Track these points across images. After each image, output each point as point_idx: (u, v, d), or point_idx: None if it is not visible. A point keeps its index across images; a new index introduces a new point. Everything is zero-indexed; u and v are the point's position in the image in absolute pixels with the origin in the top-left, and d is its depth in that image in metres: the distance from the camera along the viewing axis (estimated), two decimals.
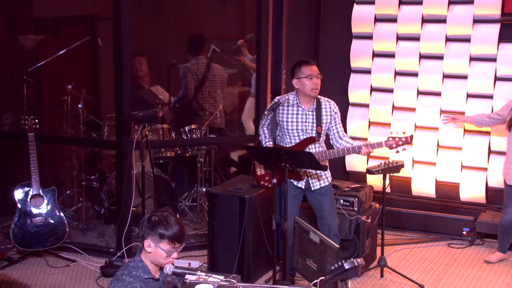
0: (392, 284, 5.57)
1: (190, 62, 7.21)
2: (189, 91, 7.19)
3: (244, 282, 5.29)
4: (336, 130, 5.34)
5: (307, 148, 5.24)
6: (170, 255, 3.47)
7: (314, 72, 5.18)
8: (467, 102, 6.74)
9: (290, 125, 5.26)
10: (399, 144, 5.16)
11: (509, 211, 5.93)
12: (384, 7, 7.03)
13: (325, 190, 5.33)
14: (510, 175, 5.82)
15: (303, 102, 5.25)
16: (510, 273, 5.81)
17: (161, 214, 3.52)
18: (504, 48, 6.60)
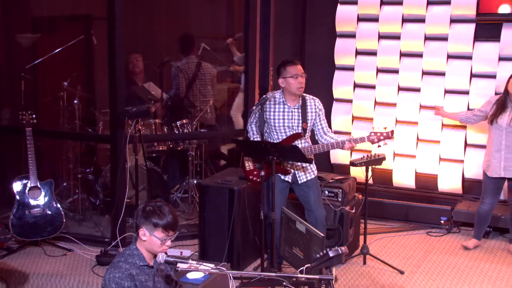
0: (374, 271, 5.59)
1: (181, 61, 7.18)
2: (181, 90, 7.17)
3: (233, 269, 5.30)
4: (321, 126, 5.34)
5: (293, 144, 5.24)
6: (164, 243, 3.48)
7: (299, 71, 5.18)
8: (444, 97, 6.77)
9: (277, 122, 5.26)
10: (380, 138, 5.17)
11: (487, 201, 5.96)
12: (367, 7, 7.03)
13: (311, 183, 5.34)
14: (492, 168, 5.85)
15: (289, 100, 5.25)
16: (485, 259, 5.85)
17: (155, 204, 3.52)
18: (479, 46, 6.63)
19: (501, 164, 5.78)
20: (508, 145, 5.74)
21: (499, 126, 5.77)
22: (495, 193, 5.94)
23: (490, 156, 5.87)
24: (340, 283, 5.31)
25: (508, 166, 5.76)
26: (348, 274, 5.49)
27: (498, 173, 5.81)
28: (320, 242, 4.19)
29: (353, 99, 7.18)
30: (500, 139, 5.78)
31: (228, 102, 7.91)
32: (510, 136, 5.73)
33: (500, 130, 5.77)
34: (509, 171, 5.77)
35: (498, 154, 5.79)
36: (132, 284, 3.41)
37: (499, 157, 5.78)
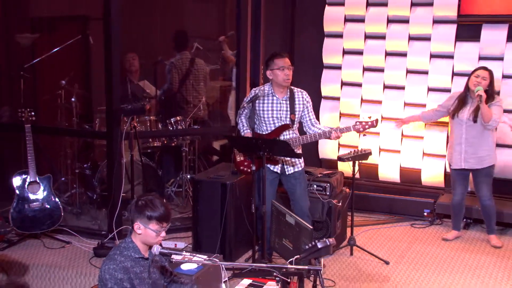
0: (360, 261, 5.61)
1: (175, 57, 7.17)
2: (174, 85, 7.16)
3: (225, 261, 5.30)
4: (309, 117, 5.35)
5: (282, 135, 5.25)
6: (159, 234, 3.49)
7: (286, 64, 5.18)
8: (428, 95, 6.80)
9: (266, 113, 5.26)
10: (365, 127, 5.18)
11: (457, 192, 6.01)
12: (353, 8, 7.04)
13: (298, 175, 5.35)
14: (454, 160, 5.90)
15: (277, 92, 5.26)
16: (465, 249, 5.89)
17: (147, 198, 3.53)
18: (460, 46, 6.66)
19: (462, 156, 5.83)
20: (468, 138, 5.78)
21: (460, 120, 5.81)
22: (462, 183, 5.99)
23: (452, 148, 5.93)
24: (328, 273, 5.33)
25: (468, 158, 5.81)
26: (336, 265, 5.51)
27: (459, 164, 5.87)
28: (309, 234, 4.19)
29: (340, 97, 7.19)
30: (461, 133, 5.82)
31: (220, 99, 7.89)
32: (470, 130, 5.77)
33: (461, 124, 5.81)
34: (468, 163, 5.82)
35: (459, 147, 5.83)
36: (125, 276, 3.42)
37: (460, 149, 5.83)
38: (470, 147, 5.79)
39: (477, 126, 5.73)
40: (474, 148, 5.79)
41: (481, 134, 5.76)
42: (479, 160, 5.79)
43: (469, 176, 5.98)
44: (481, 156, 5.78)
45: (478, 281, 5.23)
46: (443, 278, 5.29)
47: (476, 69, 5.81)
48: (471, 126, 5.76)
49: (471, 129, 5.77)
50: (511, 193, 6.57)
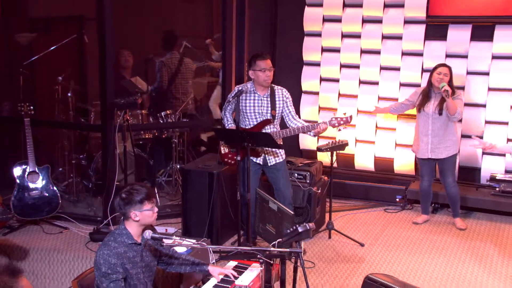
0: (338, 244, 5.64)
1: (165, 56, 7.14)
2: (164, 82, 7.13)
3: (213, 244, 5.32)
4: (289, 111, 5.34)
5: (264, 129, 5.25)
6: (153, 210, 3.53)
7: (267, 65, 5.17)
8: (399, 90, 6.82)
9: (249, 109, 5.26)
10: (340, 123, 5.20)
11: (425, 179, 6.06)
12: (331, 9, 7.04)
13: (280, 166, 5.35)
14: (421, 150, 5.94)
15: (258, 90, 5.26)
16: (433, 231, 5.94)
17: (126, 189, 3.54)
18: (429, 44, 6.69)
19: (428, 147, 5.87)
20: (434, 130, 5.82)
21: (426, 113, 5.85)
22: (429, 171, 6.03)
23: (418, 140, 5.96)
24: (308, 255, 5.36)
25: (434, 148, 5.85)
26: (315, 247, 5.54)
27: (426, 154, 5.91)
28: (290, 219, 4.20)
29: (319, 92, 7.19)
30: (427, 125, 5.86)
31: (207, 94, 7.88)
32: (435, 122, 5.81)
33: (427, 117, 5.84)
34: (435, 153, 5.87)
35: (425, 138, 5.87)
36: (118, 261, 3.43)
37: (427, 140, 5.87)
38: (436, 138, 5.83)
39: (442, 118, 5.78)
40: (439, 139, 5.83)
41: (445, 126, 5.81)
42: (444, 150, 5.84)
43: (435, 164, 6.03)
44: (446, 146, 5.83)
45: (444, 260, 5.29)
46: (413, 258, 5.34)
47: (437, 66, 5.83)
48: (437, 119, 5.80)
49: (436, 121, 5.81)
50: (474, 180, 6.63)
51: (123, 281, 3.45)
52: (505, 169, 6.45)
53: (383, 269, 5.10)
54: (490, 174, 6.46)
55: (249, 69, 5.25)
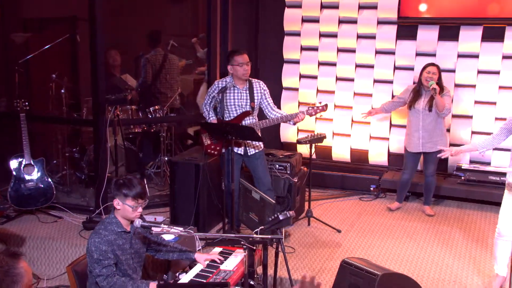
0: (317, 231, 5.66)
1: (149, 53, 7.09)
2: (148, 78, 7.06)
3: (199, 232, 5.32)
4: (267, 103, 5.32)
5: (244, 120, 5.23)
6: (135, 210, 3.49)
7: (244, 60, 5.15)
8: (373, 86, 6.85)
9: (229, 102, 5.23)
10: (317, 111, 5.20)
11: (408, 171, 6.10)
12: (309, 10, 7.03)
13: (258, 155, 5.33)
14: (412, 145, 5.97)
15: (238, 84, 5.24)
16: (405, 218, 5.99)
17: (126, 178, 3.53)
18: (401, 44, 6.72)
19: (420, 142, 5.90)
20: (424, 125, 5.86)
21: (416, 110, 5.88)
22: (413, 165, 6.08)
23: (410, 135, 6.00)
24: (289, 240, 5.38)
25: (425, 142, 5.89)
26: (296, 234, 5.55)
27: (417, 149, 5.94)
28: (272, 208, 4.21)
29: (299, 88, 7.20)
30: (418, 121, 5.89)
31: (194, 91, 7.85)
32: (426, 118, 5.85)
33: (418, 113, 5.88)
34: (425, 147, 5.90)
35: (417, 133, 5.91)
36: (109, 248, 3.42)
37: (418, 136, 5.90)
38: (426, 133, 5.86)
39: (432, 114, 5.81)
40: (429, 134, 5.86)
41: (435, 121, 5.83)
42: (434, 144, 5.85)
43: (420, 158, 6.08)
44: (435, 141, 5.85)
45: (414, 244, 5.34)
46: (386, 243, 5.38)
47: (426, 65, 5.85)
48: (427, 115, 5.83)
49: (426, 117, 5.84)
50: (443, 170, 6.69)
51: (114, 266, 3.45)
52: (469, 160, 6.52)
53: (358, 253, 5.13)
54: (456, 164, 6.53)
55: (227, 65, 5.23)
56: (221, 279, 3.56)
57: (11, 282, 2.30)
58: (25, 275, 2.35)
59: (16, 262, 2.35)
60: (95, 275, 3.41)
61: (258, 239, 3.40)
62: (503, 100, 6.36)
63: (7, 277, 2.29)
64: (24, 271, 2.35)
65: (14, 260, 2.36)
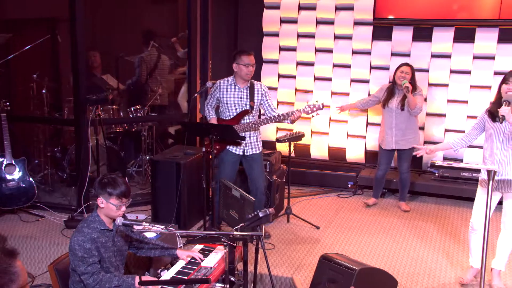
0: (296, 227, 5.68)
1: (144, 53, 7.04)
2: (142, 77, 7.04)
3: (180, 229, 5.30)
4: (268, 104, 5.30)
5: (243, 119, 5.21)
6: (119, 208, 3.47)
7: (250, 61, 5.13)
8: (350, 85, 6.90)
9: (229, 100, 5.20)
10: (313, 110, 5.18)
11: (382, 167, 6.16)
12: (287, 11, 7.06)
13: (256, 157, 5.31)
14: (386, 142, 6.03)
15: (239, 83, 5.21)
16: (381, 214, 6.05)
17: (110, 176, 3.50)
18: (376, 44, 6.78)
19: (393, 139, 5.96)
20: (397, 123, 5.91)
21: (390, 109, 5.94)
22: (387, 161, 6.14)
23: (384, 133, 6.05)
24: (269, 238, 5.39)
25: (398, 140, 5.95)
26: (275, 231, 5.57)
27: (390, 146, 6.00)
28: (252, 205, 4.21)
29: (278, 87, 7.22)
30: (391, 120, 5.94)
31: (174, 90, 7.81)
32: (398, 117, 5.90)
33: (391, 112, 5.93)
34: (398, 144, 5.97)
35: (390, 131, 5.96)
36: (93, 246, 3.40)
37: (391, 133, 5.96)
38: (399, 131, 5.91)
39: (404, 113, 5.86)
40: (402, 132, 5.91)
41: (407, 119, 5.89)
42: (407, 142, 5.92)
43: (394, 155, 6.14)
44: (408, 138, 5.92)
45: (391, 239, 5.39)
46: (363, 238, 5.42)
47: (400, 65, 5.90)
48: (399, 114, 5.88)
49: (399, 116, 5.89)
50: (418, 166, 6.77)
51: (98, 264, 3.43)
52: (443, 157, 6.61)
53: (336, 249, 5.17)
54: (430, 161, 6.61)
55: (233, 62, 5.19)
56: (202, 275, 3.56)
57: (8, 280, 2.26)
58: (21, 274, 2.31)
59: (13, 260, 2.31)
60: (80, 273, 3.39)
61: (239, 236, 3.40)
62: (474, 99, 6.46)
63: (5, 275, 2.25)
64: (20, 270, 2.32)
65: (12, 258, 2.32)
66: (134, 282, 3.43)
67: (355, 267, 3.81)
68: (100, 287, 3.38)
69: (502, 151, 4.21)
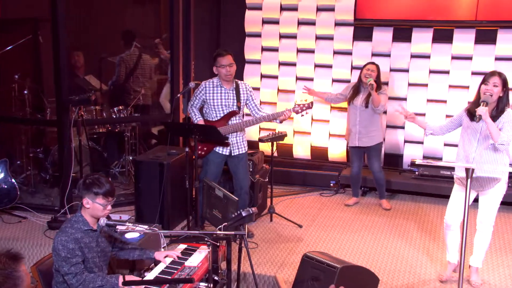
0: (279, 226, 5.68)
1: (124, 53, 6.99)
2: (121, 77, 6.99)
3: (164, 229, 5.28)
4: (254, 104, 5.29)
5: (230, 120, 5.19)
6: (106, 208, 3.46)
7: (227, 62, 5.09)
8: (332, 85, 6.92)
9: (216, 102, 5.18)
10: (303, 109, 5.20)
11: (355, 165, 6.19)
12: (269, 12, 7.07)
13: (242, 156, 5.30)
14: (350, 139, 6.06)
15: (224, 84, 5.19)
16: (363, 212, 6.08)
17: (93, 177, 3.48)
18: (357, 45, 6.81)
19: (356, 136, 6.00)
20: (361, 121, 5.95)
21: (354, 106, 5.98)
22: (358, 158, 6.17)
23: (348, 130, 6.09)
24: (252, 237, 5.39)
25: (361, 137, 5.98)
26: (259, 230, 5.56)
27: (355, 143, 6.04)
28: (235, 205, 4.21)
29: (260, 87, 7.22)
30: (355, 117, 5.98)
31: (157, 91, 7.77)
32: (363, 114, 5.94)
33: (355, 109, 5.97)
34: (362, 141, 6.00)
35: (354, 128, 6.00)
36: (76, 246, 3.37)
37: (355, 130, 6.00)
38: (363, 128, 5.95)
39: (368, 110, 5.91)
40: (366, 129, 5.95)
41: (371, 117, 5.93)
42: (370, 139, 5.97)
43: (363, 152, 6.17)
44: (371, 136, 5.97)
45: (372, 237, 5.42)
46: (345, 236, 5.45)
47: (366, 63, 5.95)
48: (364, 111, 5.92)
49: (363, 113, 5.93)
50: (398, 165, 6.82)
51: (82, 264, 3.40)
52: (423, 155, 6.67)
53: (319, 247, 5.18)
54: (410, 159, 6.65)
55: (213, 66, 5.18)
56: (186, 275, 3.55)
57: (12, 285, 2.23)
58: (25, 279, 2.29)
59: (17, 264, 2.28)
60: (63, 274, 3.36)
61: (222, 235, 3.40)
62: (453, 99, 6.53)
63: (9, 279, 2.22)
64: (24, 274, 2.29)
65: (16, 262, 2.29)
66: (117, 282, 3.41)
67: (337, 265, 3.83)
68: (84, 287, 3.36)
69: (477, 150, 4.27)
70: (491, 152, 4.23)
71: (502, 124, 4.15)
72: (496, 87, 4.15)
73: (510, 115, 4.15)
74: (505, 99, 4.18)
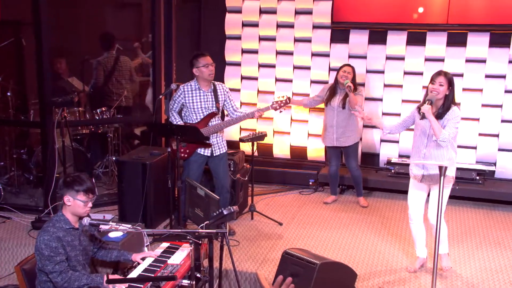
0: (260, 224, 5.69)
1: (102, 56, 6.94)
2: (99, 80, 6.93)
3: (147, 228, 5.26)
4: (231, 105, 5.29)
5: (210, 121, 5.18)
6: (86, 205, 3.45)
7: (209, 61, 5.09)
8: (310, 86, 6.96)
9: (196, 105, 5.15)
10: (281, 105, 5.20)
11: (332, 163, 6.22)
12: (249, 15, 7.07)
13: (222, 156, 5.30)
14: (328, 139, 6.09)
15: (202, 86, 5.17)
16: (341, 209, 6.11)
17: (74, 175, 3.48)
18: (334, 47, 6.85)
19: (334, 136, 6.03)
20: (338, 121, 5.98)
21: (332, 107, 6.00)
22: (335, 157, 6.20)
23: (325, 131, 6.12)
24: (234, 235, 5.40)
25: (338, 137, 6.01)
26: (240, 228, 5.56)
27: (331, 143, 6.07)
28: (216, 203, 4.20)
29: (241, 89, 7.22)
30: (332, 117, 6.01)
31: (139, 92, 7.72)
32: (340, 115, 5.97)
33: (333, 110, 6.00)
34: (339, 141, 6.03)
35: (331, 128, 6.03)
36: (59, 244, 3.35)
37: (332, 131, 6.02)
38: (340, 128, 5.99)
39: (345, 111, 5.94)
40: (343, 129, 5.99)
41: (348, 118, 5.97)
42: (347, 139, 6.01)
43: (340, 151, 6.21)
44: (348, 136, 6.00)
45: (350, 234, 5.46)
46: (324, 233, 5.48)
47: (343, 65, 5.98)
48: (341, 112, 5.96)
49: (340, 114, 5.96)
50: (374, 163, 6.88)
51: (66, 262, 3.38)
52: (398, 154, 6.73)
53: (299, 244, 5.20)
54: (386, 158, 6.73)
55: (192, 68, 5.15)
56: (169, 272, 3.54)
57: None
58: None
59: None
60: (48, 272, 3.33)
61: (204, 233, 3.40)
62: None
63: None
64: None
65: None
66: (102, 281, 3.39)
67: (316, 261, 3.85)
68: (69, 285, 3.33)
69: (427, 146, 4.38)
70: (437, 148, 4.34)
71: (446, 121, 4.27)
72: (442, 86, 4.28)
73: (454, 113, 4.29)
74: (450, 97, 4.31)
